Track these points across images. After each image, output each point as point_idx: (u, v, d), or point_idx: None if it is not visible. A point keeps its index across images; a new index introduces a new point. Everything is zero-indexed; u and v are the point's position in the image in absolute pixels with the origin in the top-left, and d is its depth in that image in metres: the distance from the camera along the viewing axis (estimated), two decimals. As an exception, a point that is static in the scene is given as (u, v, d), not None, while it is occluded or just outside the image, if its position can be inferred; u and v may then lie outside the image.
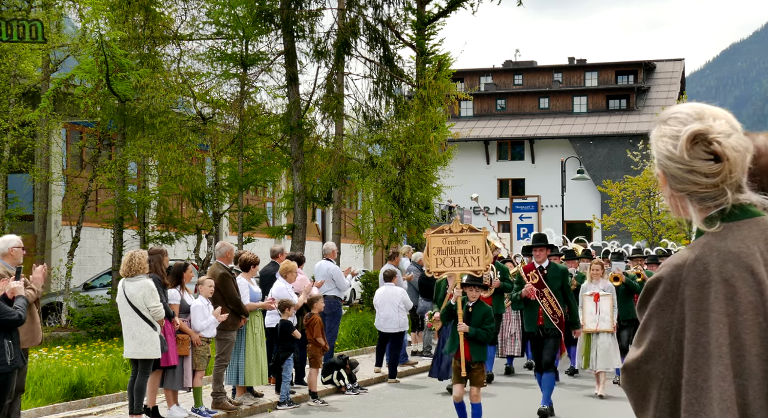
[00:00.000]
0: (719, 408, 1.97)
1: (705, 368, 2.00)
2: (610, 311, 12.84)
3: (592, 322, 12.84)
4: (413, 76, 22.03)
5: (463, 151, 44.20)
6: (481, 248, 10.06)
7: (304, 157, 21.29)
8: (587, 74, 58.03)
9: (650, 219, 34.30)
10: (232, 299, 11.12)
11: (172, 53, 20.87)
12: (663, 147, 2.17)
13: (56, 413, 10.85)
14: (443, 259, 10.10)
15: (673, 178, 2.16)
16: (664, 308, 2.09)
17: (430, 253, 10.16)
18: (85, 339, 17.08)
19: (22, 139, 19.13)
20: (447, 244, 10.09)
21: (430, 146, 20.97)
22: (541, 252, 11.91)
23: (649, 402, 2.11)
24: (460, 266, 10.03)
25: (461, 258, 10.05)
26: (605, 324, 12.80)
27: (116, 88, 18.23)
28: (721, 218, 2.13)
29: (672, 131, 2.16)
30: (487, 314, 9.75)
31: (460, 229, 10.14)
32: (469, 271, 9.96)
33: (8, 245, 8.59)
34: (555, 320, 11.05)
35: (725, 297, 2.04)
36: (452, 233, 10.16)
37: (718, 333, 2.02)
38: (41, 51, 19.57)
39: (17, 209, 20.27)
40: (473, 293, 9.84)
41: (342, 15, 21.72)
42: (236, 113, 20.79)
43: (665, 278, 2.11)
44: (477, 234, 10.19)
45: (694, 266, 2.09)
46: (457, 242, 10.08)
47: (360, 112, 22.27)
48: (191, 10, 21.29)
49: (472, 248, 10.07)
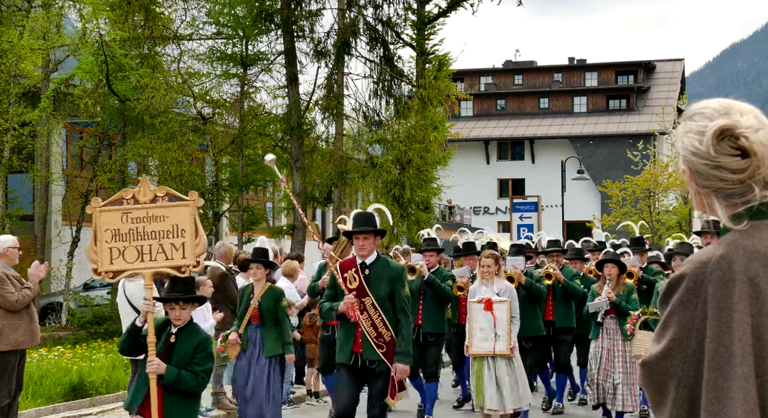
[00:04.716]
0: (742, 409, 1.94)
1: (727, 368, 1.97)
2: (507, 323, 9.03)
3: (482, 341, 9.06)
4: (413, 76, 22.02)
5: (463, 151, 44.19)
6: (189, 227, 6.18)
7: (304, 157, 21.29)
8: (587, 74, 58.02)
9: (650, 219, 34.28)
10: (231, 299, 11.12)
11: (172, 53, 20.89)
12: (689, 143, 2.12)
13: (56, 413, 10.85)
14: (123, 249, 6.19)
15: (699, 175, 2.11)
16: (686, 305, 2.05)
17: (99, 239, 6.17)
18: (85, 339, 17.07)
19: (22, 139, 19.12)
20: (129, 223, 6.20)
21: (430, 146, 20.97)
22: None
23: (667, 399, 2.08)
24: (154, 259, 6.18)
25: (154, 247, 6.19)
26: (501, 344, 9.00)
27: (116, 88, 18.23)
28: (748, 215, 2.08)
29: (698, 127, 2.11)
30: (201, 343, 6.13)
31: (152, 196, 6.21)
32: (167, 267, 6.18)
33: (4, 245, 8.60)
34: (380, 347, 7.40)
35: (749, 297, 2.00)
36: (139, 205, 6.22)
37: (741, 333, 1.98)
38: (41, 51, 19.56)
39: (17, 209, 20.27)
40: None
41: (342, 15, 21.71)
42: (236, 113, 20.80)
43: (689, 274, 2.07)
44: (180, 205, 6.22)
45: (719, 263, 2.04)
46: (147, 219, 6.19)
47: (360, 112, 22.28)
48: (191, 10, 21.32)
49: (174, 229, 6.18)
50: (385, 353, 7.40)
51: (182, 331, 6.15)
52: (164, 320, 6.26)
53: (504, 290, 9.18)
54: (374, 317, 7.42)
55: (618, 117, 54.78)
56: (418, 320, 10.38)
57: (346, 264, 7.71)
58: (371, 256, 7.58)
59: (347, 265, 7.68)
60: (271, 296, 9.03)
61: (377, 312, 7.42)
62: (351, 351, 7.44)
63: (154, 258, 6.17)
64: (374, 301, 7.42)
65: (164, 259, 6.16)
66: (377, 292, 7.45)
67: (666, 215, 34.02)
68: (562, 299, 11.38)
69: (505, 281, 9.40)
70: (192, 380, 6.00)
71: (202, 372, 6.06)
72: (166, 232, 6.16)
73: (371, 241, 7.55)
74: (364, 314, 7.42)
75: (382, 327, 7.42)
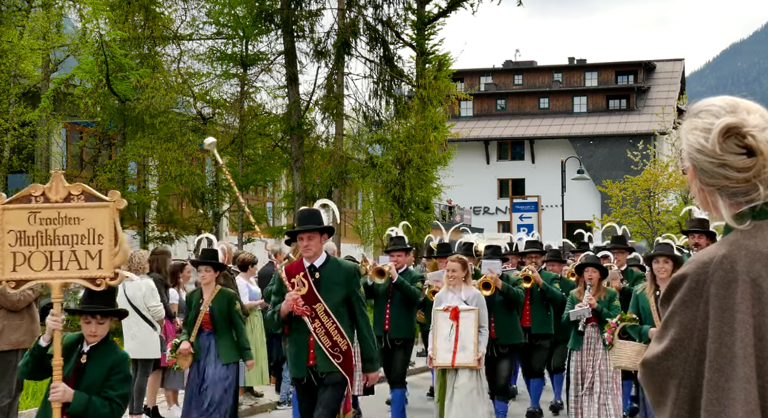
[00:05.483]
0: (743, 410, 1.93)
1: (728, 369, 1.96)
2: (474, 334, 8.40)
3: (446, 351, 8.42)
4: (413, 76, 22.02)
5: (463, 151, 44.20)
6: (108, 232, 5.23)
7: (304, 157, 21.29)
8: (587, 74, 58.04)
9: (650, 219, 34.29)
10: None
11: (172, 53, 20.90)
12: (694, 140, 2.10)
13: (56, 413, 10.85)
14: (29, 254, 5.25)
15: (704, 173, 2.09)
16: (688, 305, 2.04)
17: (1, 242, 5.25)
18: (85, 339, 17.08)
19: (22, 139, 19.12)
20: (37, 224, 5.26)
21: (430, 146, 20.97)
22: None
23: (667, 398, 2.07)
24: (64, 268, 5.24)
25: (65, 253, 5.25)
26: (466, 355, 8.38)
27: (116, 88, 18.24)
28: (752, 215, 2.07)
29: (704, 124, 2.10)
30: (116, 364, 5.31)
31: (66, 194, 5.27)
32: (80, 279, 5.24)
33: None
34: (336, 357, 6.67)
35: (752, 297, 1.99)
36: (49, 204, 5.27)
37: (743, 334, 1.97)
38: (41, 51, 19.56)
39: (17, 209, 20.27)
40: None
41: (342, 15, 21.71)
42: (236, 113, 20.81)
43: (691, 274, 2.06)
44: (98, 205, 5.27)
45: (722, 263, 2.03)
46: (59, 220, 5.25)
47: (360, 112, 22.28)
48: (191, 10, 21.32)
49: (89, 234, 5.25)
50: (342, 364, 6.66)
51: (95, 349, 5.31)
52: (77, 338, 5.40)
53: (472, 298, 8.52)
54: (327, 325, 6.66)
55: (618, 117, 54.79)
56: (385, 324, 9.87)
57: (293, 268, 6.88)
58: (320, 257, 6.80)
59: (294, 268, 6.86)
60: (223, 299, 8.36)
61: (330, 319, 6.66)
62: (305, 365, 6.70)
63: (65, 267, 5.24)
64: (327, 307, 6.67)
65: (77, 268, 5.23)
66: (330, 297, 6.70)
67: (666, 215, 34.01)
68: (540, 303, 10.83)
69: (473, 289, 8.70)
70: (104, 407, 5.15)
71: (117, 398, 5.19)
72: (80, 237, 5.24)
73: (317, 240, 6.74)
74: (316, 322, 6.66)
75: (337, 335, 6.66)
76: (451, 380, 8.46)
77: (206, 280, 8.41)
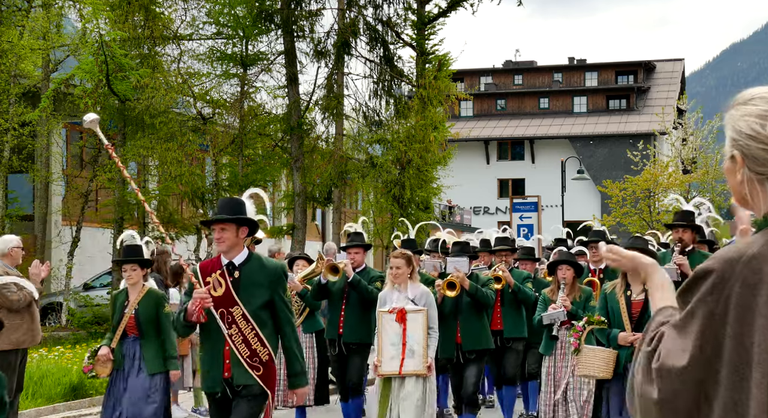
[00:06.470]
0: (752, 415, 1.92)
1: (743, 370, 1.95)
2: (423, 337, 7.57)
3: (393, 359, 7.61)
4: (413, 76, 22.02)
5: (463, 151, 44.20)
6: None
7: (304, 157, 21.30)
8: (587, 74, 58.05)
9: (650, 219, 34.29)
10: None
11: (172, 53, 20.90)
12: (745, 126, 2.06)
13: (56, 413, 10.86)
14: None
15: (755, 160, 2.04)
16: (707, 302, 2.01)
17: None
18: (85, 339, 17.08)
19: (22, 139, 19.13)
20: None
21: (430, 146, 20.97)
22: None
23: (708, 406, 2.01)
24: None
25: None
26: (414, 362, 7.57)
27: (116, 88, 18.24)
28: None
29: (759, 110, 2.06)
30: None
31: None
32: None
33: (8, 245, 8.62)
34: (255, 369, 5.79)
35: None
36: None
37: (761, 339, 1.94)
38: (41, 51, 19.58)
39: (17, 209, 20.29)
40: None
41: (342, 15, 21.72)
42: (236, 113, 20.81)
43: (717, 270, 2.02)
44: None
45: (749, 264, 1.98)
46: None
47: (360, 112, 22.28)
48: (191, 10, 21.31)
49: None
50: (262, 376, 5.77)
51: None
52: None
53: (420, 296, 7.67)
54: (246, 332, 5.76)
55: (618, 117, 54.79)
56: (339, 328, 9.03)
57: (208, 265, 6.00)
58: (240, 254, 5.88)
59: (209, 266, 5.97)
60: (151, 301, 7.55)
61: (249, 325, 5.76)
62: (220, 377, 5.79)
63: None
64: (245, 311, 5.76)
65: None
66: (250, 300, 5.79)
67: (666, 215, 34.03)
68: (512, 305, 9.92)
69: (420, 286, 7.86)
70: None
71: None
72: None
73: (231, 233, 5.79)
74: (233, 327, 5.76)
75: (257, 344, 5.76)
76: (396, 391, 7.65)
77: (132, 279, 7.59)
